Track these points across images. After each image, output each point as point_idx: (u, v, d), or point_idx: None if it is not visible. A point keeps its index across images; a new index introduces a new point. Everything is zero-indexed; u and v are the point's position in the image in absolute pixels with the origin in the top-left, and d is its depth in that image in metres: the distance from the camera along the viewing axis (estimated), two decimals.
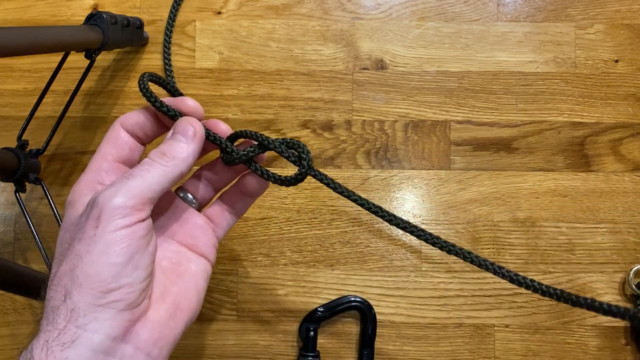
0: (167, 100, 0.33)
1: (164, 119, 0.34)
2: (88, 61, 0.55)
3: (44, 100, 0.56)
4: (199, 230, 0.35)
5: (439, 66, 0.61)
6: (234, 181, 0.37)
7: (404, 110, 0.60)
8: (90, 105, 0.61)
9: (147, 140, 0.34)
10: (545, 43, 0.60)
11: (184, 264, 0.33)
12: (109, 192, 0.28)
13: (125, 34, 0.56)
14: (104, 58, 0.62)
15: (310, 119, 0.60)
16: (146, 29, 0.61)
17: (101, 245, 0.27)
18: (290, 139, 0.34)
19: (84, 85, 0.58)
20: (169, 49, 0.61)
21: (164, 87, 0.38)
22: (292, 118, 0.60)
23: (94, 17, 0.53)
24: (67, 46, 0.51)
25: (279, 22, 0.62)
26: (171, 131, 0.32)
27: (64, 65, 0.55)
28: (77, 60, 0.56)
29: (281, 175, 0.34)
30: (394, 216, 0.38)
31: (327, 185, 0.36)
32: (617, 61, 0.60)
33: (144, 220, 0.28)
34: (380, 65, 0.61)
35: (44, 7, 0.63)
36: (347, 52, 0.61)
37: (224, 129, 0.35)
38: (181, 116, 0.33)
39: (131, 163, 0.33)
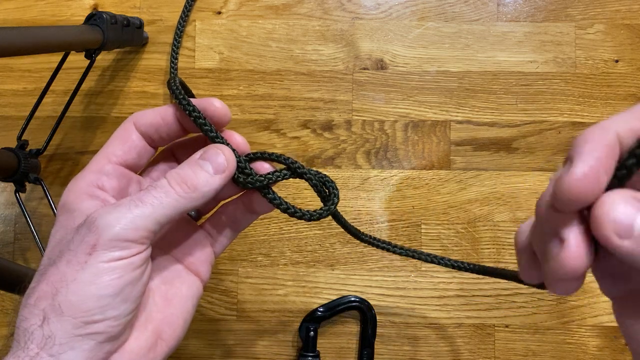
0: (193, 101, 0.30)
1: (184, 122, 0.30)
2: (88, 61, 0.55)
3: (44, 100, 0.56)
4: (197, 246, 0.32)
5: (439, 66, 0.61)
6: (239, 195, 0.33)
7: (404, 110, 0.60)
8: (90, 105, 0.61)
9: (160, 144, 0.31)
10: (545, 43, 0.60)
11: (176, 285, 0.30)
12: (110, 217, 0.25)
13: (125, 34, 0.56)
14: (104, 58, 0.62)
15: (310, 119, 0.60)
16: (146, 29, 0.61)
17: (91, 273, 0.24)
18: (317, 171, 0.30)
19: (84, 85, 0.58)
20: (177, 52, 0.61)
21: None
22: (292, 118, 0.60)
23: (94, 17, 0.53)
24: (67, 46, 0.51)
25: (279, 22, 0.62)
26: (199, 154, 0.28)
27: (64, 65, 0.55)
28: (77, 60, 0.56)
29: (302, 209, 0.30)
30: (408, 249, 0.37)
31: (343, 226, 0.34)
32: (617, 61, 0.60)
33: (143, 251, 0.26)
34: (381, 65, 0.61)
35: (44, 7, 0.63)
36: (347, 52, 0.61)
37: (239, 142, 0.30)
38: (205, 120, 0.29)
39: (136, 168, 0.30)
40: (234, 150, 0.29)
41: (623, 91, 0.60)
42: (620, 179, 0.18)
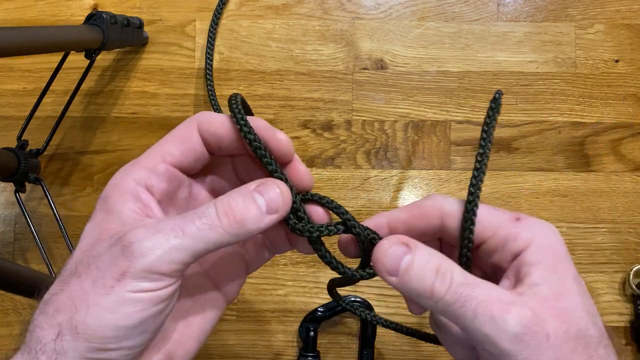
0: (257, 125, 0.27)
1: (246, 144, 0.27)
2: (88, 61, 0.55)
3: (44, 100, 0.56)
4: (232, 265, 0.30)
5: (439, 66, 0.61)
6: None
7: (404, 110, 0.60)
8: (90, 105, 0.61)
9: (218, 153, 0.28)
10: (545, 43, 0.60)
11: (200, 304, 0.28)
12: (147, 245, 0.23)
13: (125, 34, 0.56)
14: (104, 58, 0.62)
15: (310, 119, 0.60)
16: (146, 28, 0.61)
17: (115, 301, 0.23)
18: (369, 231, 0.27)
19: (84, 85, 0.58)
20: (212, 54, 0.61)
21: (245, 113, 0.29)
22: (292, 118, 0.60)
23: (94, 17, 0.53)
24: (67, 46, 0.51)
25: (279, 22, 0.62)
26: (254, 184, 0.25)
27: (64, 65, 0.55)
28: (76, 60, 0.56)
29: (344, 266, 0.28)
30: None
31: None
32: (617, 61, 0.60)
33: (172, 284, 0.24)
34: (381, 65, 0.61)
35: (44, 7, 0.63)
36: (347, 52, 0.61)
37: (302, 176, 0.28)
38: (266, 152, 0.26)
39: (190, 171, 0.28)
40: (292, 188, 0.26)
41: (623, 91, 0.60)
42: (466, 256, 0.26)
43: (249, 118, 0.26)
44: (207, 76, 0.60)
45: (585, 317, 0.23)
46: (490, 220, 0.26)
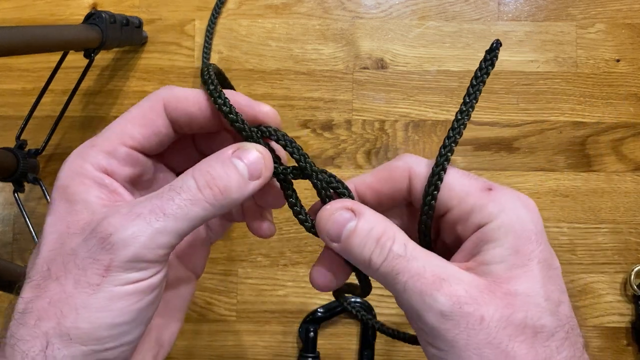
0: (239, 100, 0.24)
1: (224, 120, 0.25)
2: (87, 60, 0.55)
3: (43, 99, 0.56)
4: (195, 240, 0.29)
5: (440, 65, 0.60)
6: None
7: (404, 109, 0.60)
8: (89, 104, 0.61)
9: (189, 132, 0.25)
10: (546, 42, 0.60)
11: (175, 285, 0.27)
12: (128, 233, 0.21)
13: (124, 33, 0.56)
14: (103, 57, 0.61)
15: (310, 119, 0.60)
16: (145, 28, 0.61)
17: (104, 298, 0.21)
18: (327, 175, 0.24)
19: (83, 85, 0.58)
20: (209, 53, 0.61)
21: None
22: (292, 118, 0.60)
23: (93, 17, 0.53)
24: (66, 45, 0.51)
25: (279, 21, 0.61)
26: (231, 149, 0.23)
27: (63, 65, 0.55)
28: (75, 59, 0.56)
29: (313, 220, 0.25)
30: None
31: None
32: (618, 60, 0.60)
33: (161, 270, 0.22)
34: (381, 64, 0.60)
35: (43, 6, 0.62)
36: (347, 51, 0.61)
37: (266, 113, 0.25)
38: (248, 128, 0.24)
39: (152, 153, 0.25)
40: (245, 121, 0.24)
41: (624, 91, 0.59)
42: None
43: (228, 92, 0.24)
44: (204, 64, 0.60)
45: (541, 305, 0.21)
46: (458, 188, 0.23)
